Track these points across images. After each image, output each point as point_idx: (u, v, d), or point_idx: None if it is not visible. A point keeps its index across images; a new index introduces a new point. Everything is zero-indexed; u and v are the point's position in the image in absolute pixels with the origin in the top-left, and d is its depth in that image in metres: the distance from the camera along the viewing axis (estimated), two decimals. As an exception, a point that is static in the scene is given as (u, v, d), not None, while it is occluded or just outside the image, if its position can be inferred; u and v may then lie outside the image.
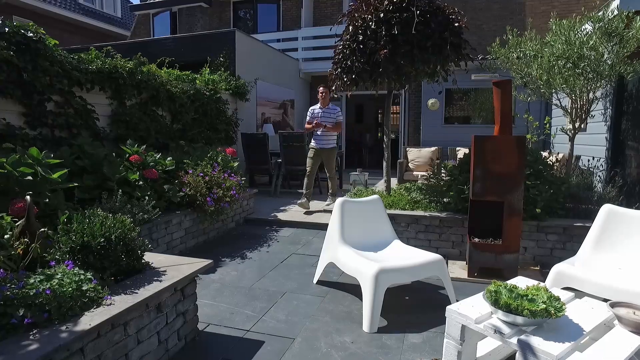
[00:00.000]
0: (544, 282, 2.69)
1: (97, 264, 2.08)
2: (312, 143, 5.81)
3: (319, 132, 5.64)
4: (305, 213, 5.56)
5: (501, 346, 2.11)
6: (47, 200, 2.86)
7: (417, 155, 7.91)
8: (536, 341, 1.64)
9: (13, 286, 1.69)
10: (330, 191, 5.94)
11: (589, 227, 3.01)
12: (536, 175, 3.83)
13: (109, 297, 1.92)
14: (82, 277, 1.90)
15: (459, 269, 3.64)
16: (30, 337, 1.58)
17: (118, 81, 4.45)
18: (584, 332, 1.75)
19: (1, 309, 1.60)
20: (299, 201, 5.66)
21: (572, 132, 4.62)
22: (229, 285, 3.31)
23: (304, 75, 10.86)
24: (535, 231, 3.78)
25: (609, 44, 4.05)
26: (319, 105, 5.74)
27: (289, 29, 11.49)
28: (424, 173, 6.32)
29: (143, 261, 2.36)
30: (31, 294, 1.67)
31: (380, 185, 6.57)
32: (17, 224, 2.15)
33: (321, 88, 5.67)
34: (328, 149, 5.72)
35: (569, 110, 4.64)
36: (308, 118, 5.82)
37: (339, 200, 3.25)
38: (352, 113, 13.88)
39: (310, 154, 5.81)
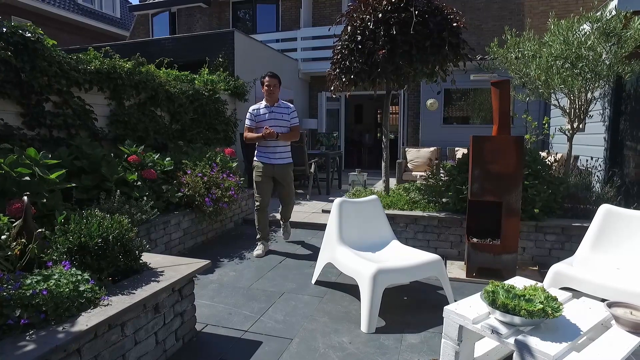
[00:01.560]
0: (543, 282, 2.69)
1: (94, 264, 2.08)
2: (257, 159, 4.06)
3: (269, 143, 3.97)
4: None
5: (499, 346, 2.11)
6: (45, 200, 2.85)
7: (416, 156, 7.91)
8: (533, 341, 1.64)
9: (9, 287, 1.69)
10: (282, 220, 4.48)
11: (587, 227, 3.01)
12: (535, 176, 3.83)
13: (106, 297, 1.91)
14: (79, 277, 1.90)
15: (457, 269, 3.64)
16: (27, 337, 1.57)
17: (116, 81, 4.44)
18: (581, 332, 1.75)
19: (-2, 310, 1.60)
20: (255, 252, 4.10)
21: (571, 132, 4.63)
22: (228, 286, 3.30)
23: (303, 75, 10.87)
24: (534, 231, 3.79)
25: (607, 44, 4.05)
26: (264, 103, 4.04)
27: (288, 30, 11.49)
28: (422, 173, 6.32)
29: (141, 262, 2.36)
30: (28, 294, 1.67)
31: (379, 185, 6.57)
32: (14, 225, 2.14)
33: (267, 78, 3.95)
34: (283, 165, 4.05)
35: (568, 111, 4.65)
36: (248, 123, 4.03)
37: (337, 200, 3.25)
38: (351, 113, 13.90)
39: (257, 175, 4.04)
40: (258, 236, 4.21)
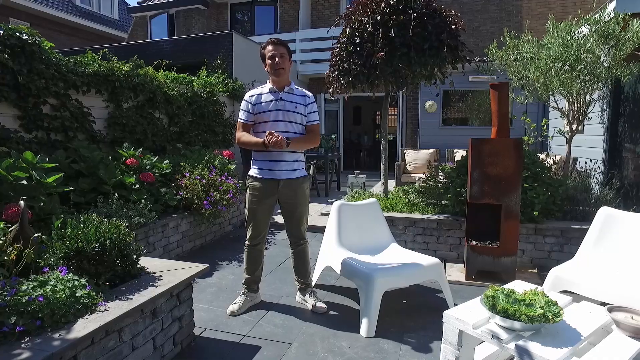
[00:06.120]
0: (542, 284, 2.69)
1: (91, 269, 2.06)
2: (253, 173, 2.75)
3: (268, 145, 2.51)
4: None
5: (499, 351, 2.10)
6: (42, 204, 2.83)
7: (414, 157, 7.90)
8: (534, 346, 1.63)
9: (5, 293, 1.67)
10: (301, 280, 2.98)
11: (586, 230, 3.00)
12: (534, 178, 3.83)
13: (103, 303, 1.90)
14: (76, 283, 1.88)
15: (456, 272, 3.63)
16: (22, 345, 1.55)
17: (114, 84, 4.43)
18: (582, 337, 1.73)
19: (-7, 317, 1.58)
20: (230, 306, 2.87)
21: (570, 134, 4.63)
22: (226, 289, 3.28)
23: (301, 77, 10.87)
24: (533, 234, 3.78)
25: (606, 47, 4.05)
26: (268, 85, 2.75)
27: (286, 31, 11.50)
28: (421, 175, 6.31)
29: (138, 266, 2.34)
30: (23, 301, 1.65)
31: (378, 187, 6.56)
32: (10, 230, 2.13)
33: (270, 46, 2.74)
34: (293, 181, 2.72)
35: (566, 113, 4.65)
36: (243, 117, 2.73)
37: (336, 203, 3.24)
38: (350, 115, 13.90)
39: (252, 200, 2.75)
40: (243, 280, 2.93)
